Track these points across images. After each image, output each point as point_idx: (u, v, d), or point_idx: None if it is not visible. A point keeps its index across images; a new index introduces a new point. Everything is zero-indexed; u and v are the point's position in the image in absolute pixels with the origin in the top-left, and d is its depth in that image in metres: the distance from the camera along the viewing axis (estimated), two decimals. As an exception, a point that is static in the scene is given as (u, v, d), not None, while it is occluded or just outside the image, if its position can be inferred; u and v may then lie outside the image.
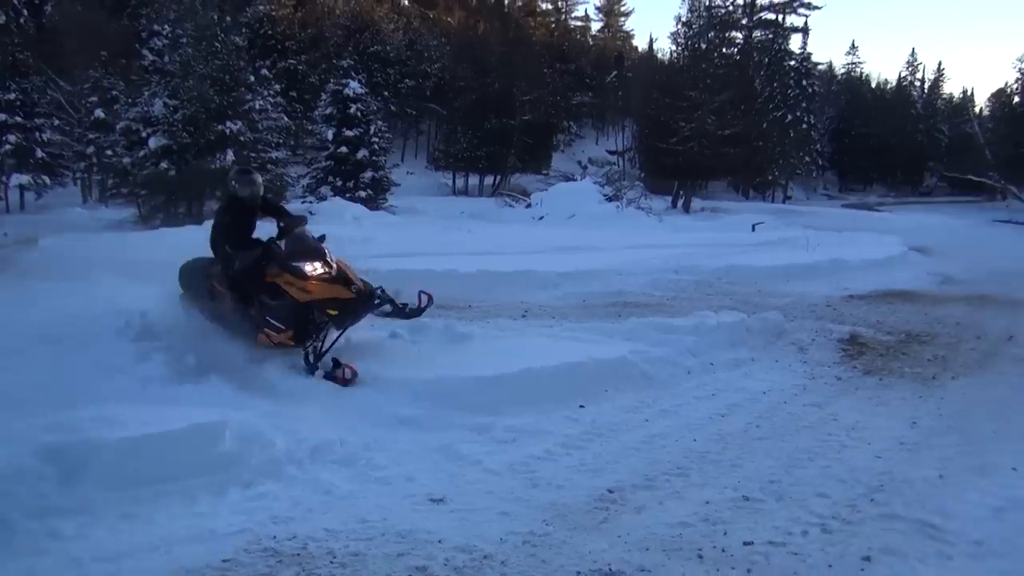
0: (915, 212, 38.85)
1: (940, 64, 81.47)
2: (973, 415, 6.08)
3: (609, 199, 29.22)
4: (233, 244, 6.32)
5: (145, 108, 23.10)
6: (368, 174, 29.59)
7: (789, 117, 46.99)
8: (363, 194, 28.57)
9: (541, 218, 26.75)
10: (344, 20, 44.85)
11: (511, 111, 40.14)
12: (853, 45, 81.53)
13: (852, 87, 62.42)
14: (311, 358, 5.97)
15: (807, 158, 49.85)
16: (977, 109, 55.80)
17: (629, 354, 6.78)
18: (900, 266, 15.48)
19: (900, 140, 55.77)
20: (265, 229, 6.69)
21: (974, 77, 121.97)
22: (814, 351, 8.11)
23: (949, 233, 25.20)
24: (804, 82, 48.89)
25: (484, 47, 43.69)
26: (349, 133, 29.45)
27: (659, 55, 56.17)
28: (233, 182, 6.51)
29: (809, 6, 51.75)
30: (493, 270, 11.50)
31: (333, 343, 6.17)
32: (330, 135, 29.71)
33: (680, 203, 36.67)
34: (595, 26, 70.23)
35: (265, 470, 4.42)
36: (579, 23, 68.80)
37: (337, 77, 31.37)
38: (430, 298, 6.60)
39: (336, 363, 5.91)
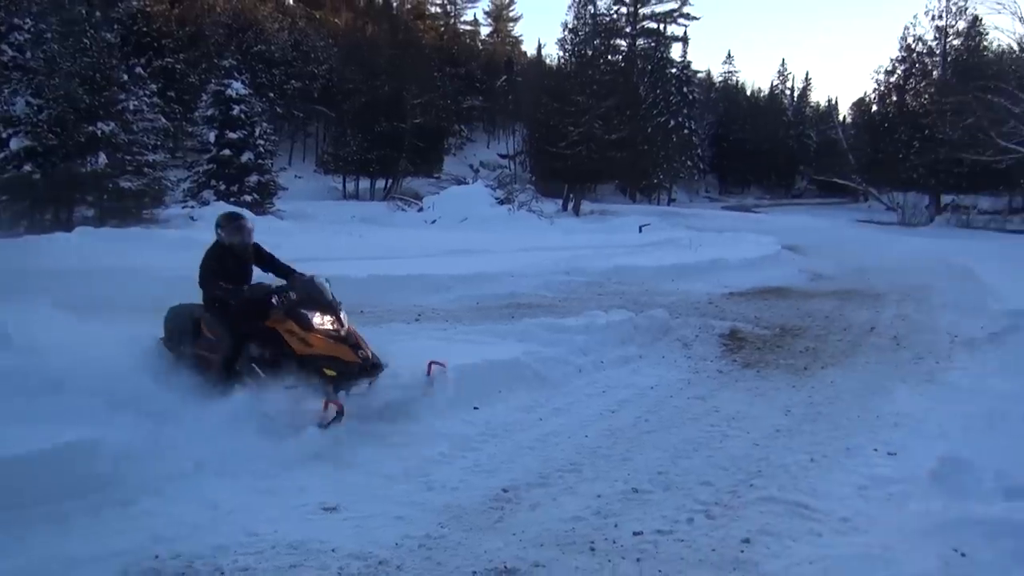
0: (788, 213, 41.31)
1: (807, 74, 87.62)
2: (840, 401, 6.52)
3: (501, 202, 29.51)
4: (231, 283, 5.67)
5: (5, 107, 21.46)
6: (254, 178, 28.63)
7: (672, 123, 48.91)
8: (248, 198, 27.58)
9: (433, 221, 26.71)
10: (225, 18, 43.15)
11: (402, 114, 39.81)
12: (729, 55, 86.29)
13: (729, 95, 65.57)
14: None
15: (689, 162, 52.02)
16: (841, 117, 59.70)
17: (522, 355, 6.88)
18: (775, 264, 16.40)
19: (773, 145, 59.22)
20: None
21: (838, 87, 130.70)
22: (698, 346, 8.49)
23: (818, 232, 26.89)
24: (685, 89, 51.09)
25: (373, 49, 43.11)
26: (232, 135, 28.40)
27: (547, 60, 57.17)
28: (219, 228, 5.80)
29: (688, 16, 54.29)
30: (385, 274, 11.38)
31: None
32: (212, 137, 28.56)
33: (570, 206, 37.41)
34: (484, 31, 70.71)
35: (145, 488, 4.22)
36: (468, 27, 69.09)
37: (219, 77, 30.19)
38: (442, 367, 5.89)
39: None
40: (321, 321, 5.51)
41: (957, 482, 4.37)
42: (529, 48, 72.96)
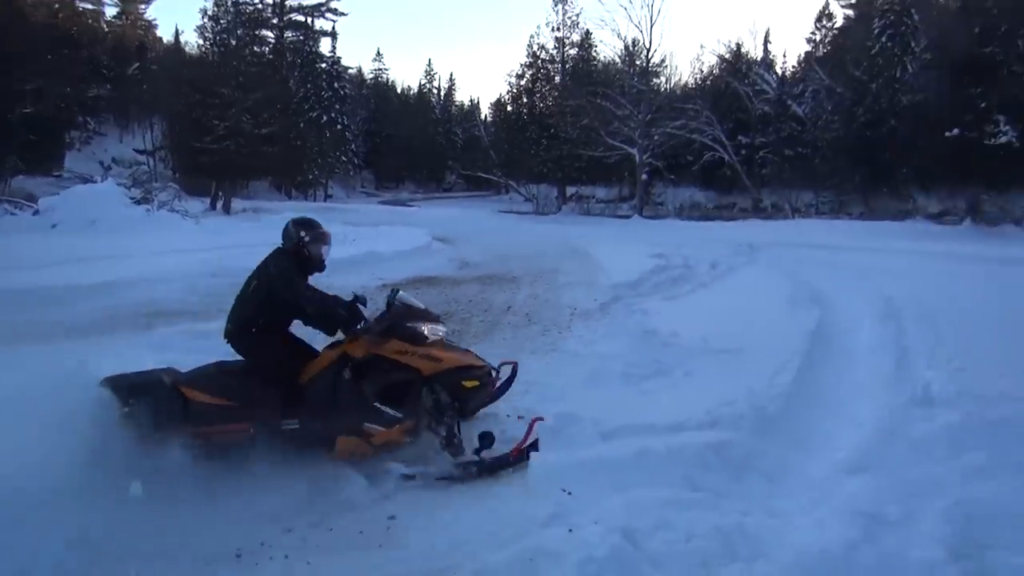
0: (440, 206, 43.77)
1: (452, 75, 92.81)
2: (480, 377, 7.12)
3: (138, 202, 26.80)
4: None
5: None
6: None
7: (324, 118, 48.64)
8: None
9: (54, 226, 23.32)
10: None
11: (8, 102, 34.05)
12: (379, 53, 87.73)
13: (380, 92, 67.13)
14: (453, 436, 4.74)
15: (344, 157, 52.23)
16: (483, 116, 64.59)
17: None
18: (426, 255, 17.28)
19: (423, 141, 62.07)
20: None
21: (479, 88, 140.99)
22: (351, 339, 8.63)
23: (466, 223, 28.87)
24: (336, 84, 51.10)
25: (-38, 24, 36.16)
26: None
27: (187, 48, 53.00)
28: (301, 232, 5.00)
29: (335, 11, 54.12)
30: (-13, 289, 9.74)
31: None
32: None
33: (220, 204, 35.37)
34: (110, 11, 63.13)
35: None
36: (90, 6, 61.08)
37: None
38: (514, 369, 5.29)
39: (487, 437, 4.74)
40: (431, 331, 4.85)
41: (568, 433, 5.08)
42: (165, 34, 66.93)
